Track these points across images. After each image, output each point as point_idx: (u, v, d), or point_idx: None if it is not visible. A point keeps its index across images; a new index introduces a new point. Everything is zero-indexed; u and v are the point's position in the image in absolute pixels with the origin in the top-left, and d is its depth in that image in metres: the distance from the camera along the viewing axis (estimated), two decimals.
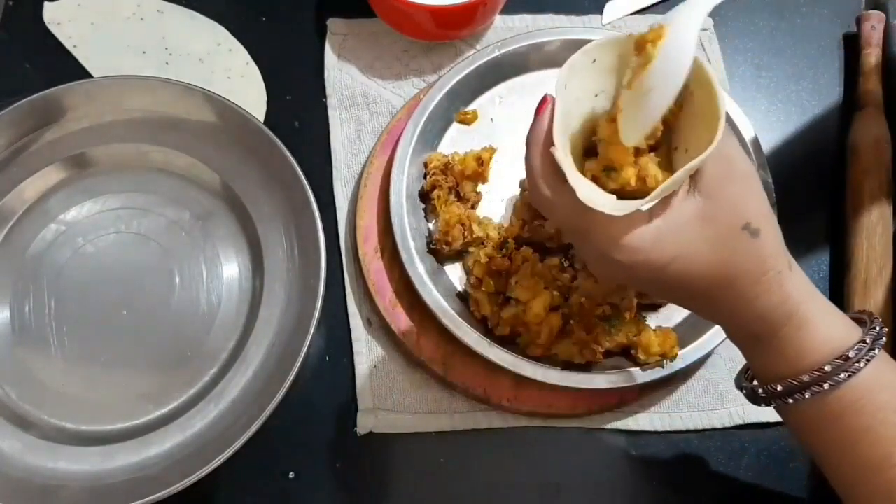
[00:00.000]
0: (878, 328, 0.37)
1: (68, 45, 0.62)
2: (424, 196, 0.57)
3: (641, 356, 0.51)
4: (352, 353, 0.54)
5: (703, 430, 0.53)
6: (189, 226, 0.54)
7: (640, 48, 0.35)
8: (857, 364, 0.36)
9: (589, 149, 0.38)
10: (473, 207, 0.56)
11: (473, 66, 0.58)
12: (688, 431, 0.53)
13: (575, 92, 0.36)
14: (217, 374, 0.50)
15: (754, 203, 0.36)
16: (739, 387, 0.42)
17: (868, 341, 0.36)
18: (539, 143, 0.36)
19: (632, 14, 0.66)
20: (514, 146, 0.58)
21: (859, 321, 0.39)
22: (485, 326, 0.52)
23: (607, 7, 0.66)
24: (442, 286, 0.53)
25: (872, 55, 0.63)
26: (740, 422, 0.53)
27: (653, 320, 0.54)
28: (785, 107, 0.64)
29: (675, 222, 0.35)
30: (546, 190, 0.36)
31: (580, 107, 0.37)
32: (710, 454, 0.53)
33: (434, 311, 0.51)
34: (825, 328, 0.37)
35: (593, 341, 0.51)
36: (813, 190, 0.61)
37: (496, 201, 0.57)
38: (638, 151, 0.35)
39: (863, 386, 0.36)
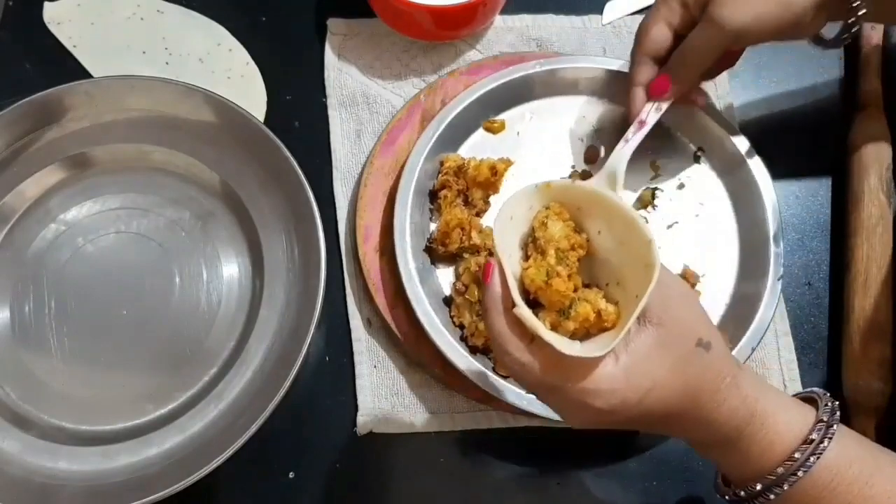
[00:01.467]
0: (829, 404, 0.39)
1: (68, 45, 0.62)
2: (433, 194, 0.57)
3: None
4: (352, 353, 0.54)
5: None
6: (189, 226, 0.54)
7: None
8: (821, 445, 0.37)
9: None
10: (479, 215, 0.56)
11: (511, 77, 0.58)
12: None
13: (507, 251, 0.38)
14: (217, 374, 0.50)
15: (699, 319, 0.38)
16: (720, 493, 0.43)
17: (825, 419, 0.38)
18: (498, 307, 0.36)
19: (632, 14, 0.66)
20: (533, 164, 0.58)
21: (809, 400, 0.41)
22: (461, 334, 0.52)
23: (607, 7, 0.66)
24: (429, 286, 0.53)
25: (872, 55, 0.63)
26: None
27: None
28: (785, 107, 0.64)
29: (638, 356, 0.36)
30: (517, 352, 0.36)
31: (511, 263, 0.38)
32: None
33: (414, 307, 0.51)
34: (784, 418, 0.38)
35: None
36: (813, 190, 0.61)
37: None
38: (575, 290, 0.38)
39: (832, 465, 0.37)
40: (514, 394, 0.50)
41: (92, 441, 0.48)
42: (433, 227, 0.56)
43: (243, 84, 0.61)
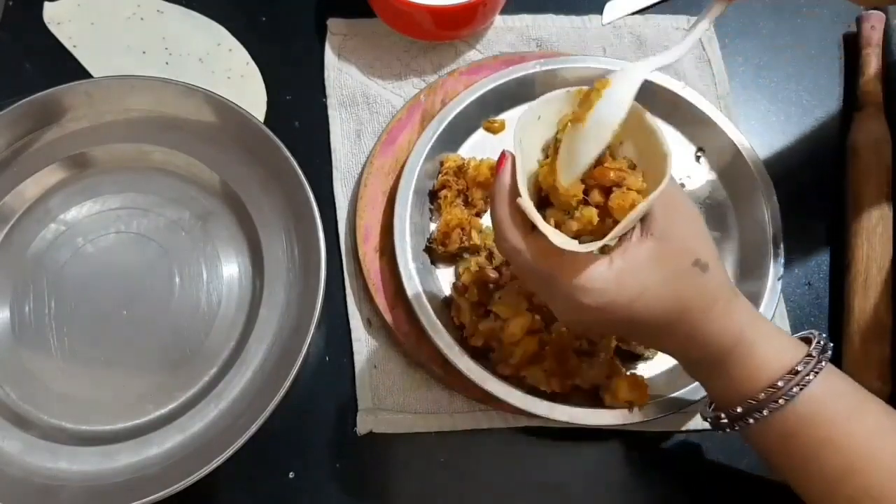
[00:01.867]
0: (822, 342, 0.40)
1: (68, 45, 0.62)
2: (433, 194, 0.57)
3: (608, 399, 0.50)
4: (352, 353, 0.54)
5: (703, 431, 0.53)
6: (189, 226, 0.54)
7: (586, 99, 0.38)
8: (807, 377, 0.38)
9: (538, 202, 0.40)
10: (479, 215, 0.56)
11: (511, 77, 0.58)
12: (688, 431, 0.53)
13: (526, 148, 0.39)
14: (217, 374, 0.50)
15: (701, 241, 0.39)
16: (704, 417, 0.44)
17: (814, 354, 0.39)
18: (504, 196, 0.38)
19: (631, 14, 0.66)
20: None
21: (805, 340, 0.41)
22: (460, 334, 0.52)
23: (607, 7, 0.66)
24: (429, 286, 0.53)
25: (872, 55, 0.63)
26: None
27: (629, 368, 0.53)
28: (785, 107, 0.64)
29: (633, 263, 0.37)
30: (513, 239, 0.38)
31: (530, 162, 0.39)
32: (710, 454, 0.53)
33: (414, 307, 0.51)
34: (774, 348, 0.39)
35: (564, 373, 0.51)
36: (813, 190, 0.61)
37: None
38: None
39: (816, 398, 0.38)
40: (514, 394, 0.50)
41: (92, 441, 0.48)
42: (433, 227, 0.56)
43: (243, 84, 0.61)
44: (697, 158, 0.59)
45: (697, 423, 0.53)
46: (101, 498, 0.46)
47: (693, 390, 0.51)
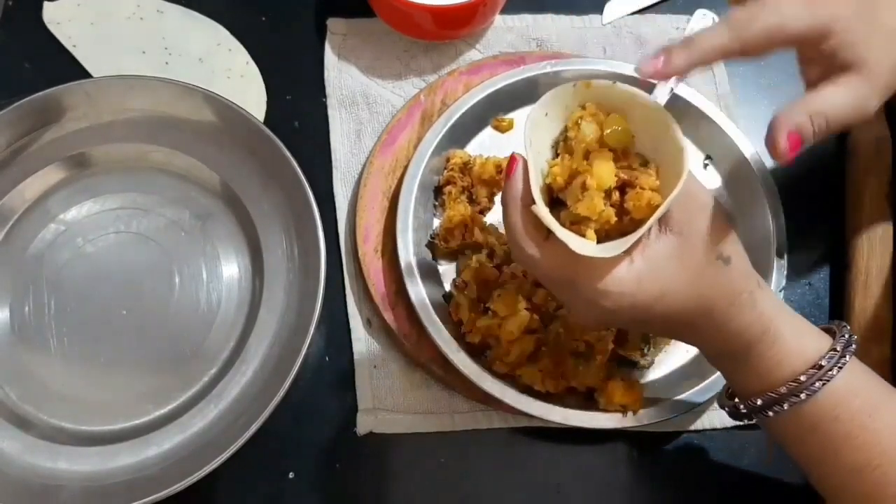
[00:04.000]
0: (847, 336, 0.39)
1: (68, 45, 0.62)
2: (438, 190, 0.57)
3: (603, 402, 0.50)
4: (352, 353, 0.54)
5: (703, 431, 0.53)
6: (189, 226, 0.54)
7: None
8: (830, 372, 0.37)
9: (550, 202, 0.39)
10: (483, 213, 0.57)
11: (522, 77, 0.58)
12: (688, 431, 0.53)
13: (536, 146, 0.38)
14: (217, 374, 0.50)
15: (721, 232, 0.38)
16: (721, 405, 0.43)
17: (839, 349, 0.38)
18: (517, 202, 0.37)
19: (631, 14, 0.66)
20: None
21: (829, 331, 0.40)
22: (458, 330, 0.52)
23: (607, 7, 0.66)
24: (429, 281, 0.53)
25: None
26: (740, 422, 0.53)
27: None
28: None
29: (653, 262, 0.36)
30: (529, 247, 0.37)
31: (540, 161, 0.38)
32: (710, 454, 0.53)
33: (414, 302, 0.51)
34: (797, 340, 0.38)
35: (559, 374, 0.51)
36: (813, 190, 0.61)
37: None
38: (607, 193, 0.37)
39: (838, 393, 0.37)
40: (514, 394, 0.50)
41: (92, 441, 0.48)
42: (436, 223, 0.56)
43: (243, 84, 0.61)
44: (705, 166, 0.60)
45: (698, 423, 0.53)
46: (101, 498, 0.46)
47: (690, 395, 0.51)
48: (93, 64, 0.61)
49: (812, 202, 0.61)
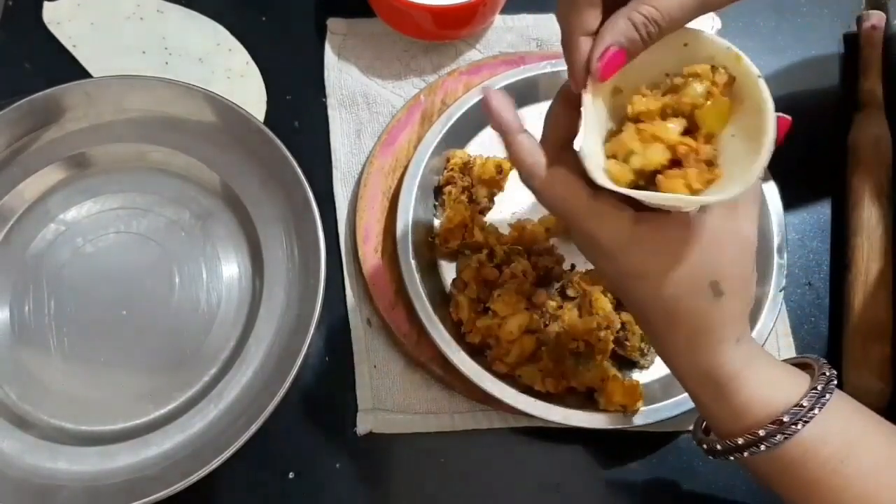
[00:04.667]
0: (820, 386, 0.36)
1: (68, 45, 0.62)
2: (438, 190, 0.57)
3: (602, 402, 0.50)
4: (352, 353, 0.54)
5: None
6: (189, 226, 0.54)
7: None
8: (793, 426, 0.35)
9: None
10: (482, 213, 0.57)
11: (522, 77, 0.58)
12: (688, 431, 0.53)
13: (653, 55, 0.34)
14: (217, 374, 0.50)
15: (736, 268, 0.35)
16: (696, 440, 0.42)
17: (806, 403, 0.36)
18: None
19: None
20: None
21: (805, 366, 0.39)
22: (458, 330, 0.52)
23: None
24: (429, 281, 0.53)
25: (872, 55, 0.63)
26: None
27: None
28: (785, 106, 0.64)
29: (654, 238, 0.34)
30: (536, 155, 0.35)
31: (643, 74, 0.35)
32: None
33: (413, 302, 0.51)
34: (764, 392, 0.36)
35: (559, 374, 0.51)
36: (813, 190, 0.61)
37: (507, 213, 0.57)
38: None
39: (805, 443, 0.36)
40: (514, 394, 0.50)
41: (92, 441, 0.48)
42: (436, 223, 0.56)
43: (243, 84, 0.61)
44: None
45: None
46: (101, 498, 0.46)
47: (688, 397, 0.51)
48: (93, 64, 0.61)
49: (812, 202, 0.61)
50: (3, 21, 0.63)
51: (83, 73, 0.61)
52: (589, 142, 0.34)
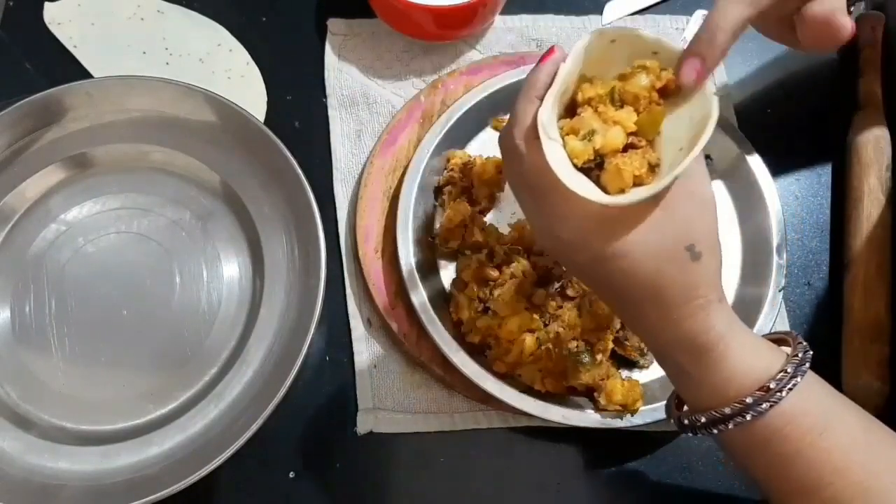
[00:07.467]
0: (800, 354, 0.37)
1: (68, 45, 0.62)
2: (438, 190, 0.57)
3: (602, 401, 0.50)
4: (352, 353, 0.54)
5: None
6: (189, 226, 0.54)
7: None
8: (778, 394, 0.36)
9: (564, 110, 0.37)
10: (482, 213, 0.57)
11: (522, 77, 0.57)
12: None
13: (575, 63, 0.36)
14: (217, 374, 0.50)
15: (705, 228, 0.36)
16: (668, 415, 0.42)
17: (789, 370, 0.36)
18: (535, 92, 0.36)
19: (632, 14, 0.66)
20: None
21: (782, 341, 0.39)
22: (458, 330, 0.52)
23: (607, 7, 0.66)
24: (429, 281, 0.53)
25: (872, 55, 0.63)
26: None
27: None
28: (785, 107, 0.64)
29: (625, 217, 0.35)
30: (520, 142, 0.36)
31: (572, 74, 0.37)
32: (710, 453, 0.53)
33: (414, 302, 0.51)
34: (748, 359, 0.37)
35: (558, 374, 0.51)
36: (812, 190, 0.61)
37: (507, 212, 0.57)
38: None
39: (787, 413, 0.36)
40: (514, 394, 0.50)
41: (92, 441, 0.48)
42: (437, 223, 0.56)
43: (243, 84, 0.61)
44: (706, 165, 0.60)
45: None
46: (101, 498, 0.46)
47: None
48: (93, 64, 0.61)
49: (811, 201, 0.61)
50: (4, 21, 0.63)
51: (84, 74, 0.61)
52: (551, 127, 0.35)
